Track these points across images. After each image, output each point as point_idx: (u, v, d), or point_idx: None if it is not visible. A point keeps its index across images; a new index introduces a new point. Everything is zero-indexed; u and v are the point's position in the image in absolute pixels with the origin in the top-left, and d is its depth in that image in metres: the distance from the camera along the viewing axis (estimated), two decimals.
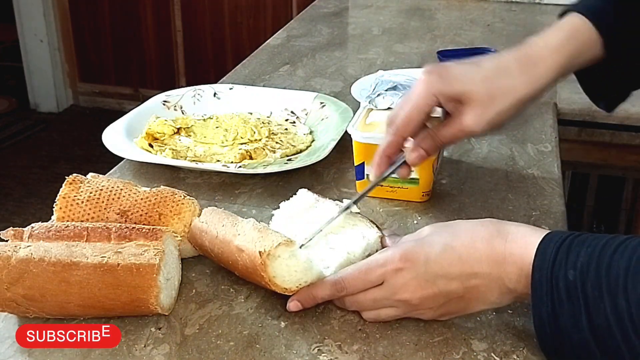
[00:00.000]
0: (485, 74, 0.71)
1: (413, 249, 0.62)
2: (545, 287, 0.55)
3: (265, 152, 0.95)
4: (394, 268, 0.61)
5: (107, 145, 0.93)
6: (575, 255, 0.55)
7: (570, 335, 0.55)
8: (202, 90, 1.13)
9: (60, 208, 0.70)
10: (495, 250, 0.59)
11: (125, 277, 0.61)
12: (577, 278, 0.54)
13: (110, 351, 0.60)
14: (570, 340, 0.55)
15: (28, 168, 2.99)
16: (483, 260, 0.59)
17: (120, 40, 3.39)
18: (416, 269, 0.60)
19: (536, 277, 0.56)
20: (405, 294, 0.61)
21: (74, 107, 3.56)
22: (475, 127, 0.71)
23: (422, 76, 0.71)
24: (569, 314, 0.54)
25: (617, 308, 0.52)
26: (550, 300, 0.55)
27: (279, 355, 0.60)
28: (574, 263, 0.55)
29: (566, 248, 0.56)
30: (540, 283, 0.56)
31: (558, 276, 0.55)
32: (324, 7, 1.83)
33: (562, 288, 0.54)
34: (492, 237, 0.60)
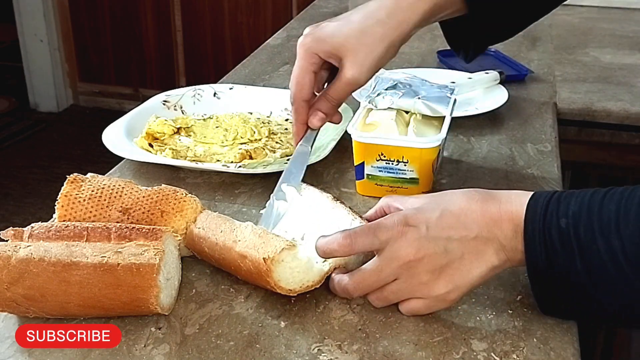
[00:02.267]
0: (356, 26, 0.77)
1: (414, 215, 0.63)
2: (539, 237, 0.58)
3: (265, 152, 0.95)
4: (398, 231, 0.62)
5: (107, 145, 0.93)
6: (566, 205, 0.58)
7: (566, 281, 0.58)
8: (202, 90, 1.13)
9: (62, 206, 0.71)
10: (491, 211, 0.62)
11: (125, 277, 0.61)
12: (570, 225, 0.57)
13: (110, 351, 0.60)
14: (565, 286, 0.58)
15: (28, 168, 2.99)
16: (480, 222, 0.61)
17: (120, 40, 3.39)
18: (418, 232, 0.62)
19: (529, 229, 0.59)
20: (407, 255, 0.62)
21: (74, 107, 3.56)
22: (358, 76, 0.78)
23: (300, 40, 0.79)
24: (564, 259, 0.57)
25: (610, 247, 0.55)
26: (544, 249, 0.58)
27: (279, 355, 0.60)
28: (566, 212, 0.58)
29: (556, 200, 0.59)
30: (533, 234, 0.59)
31: (551, 225, 0.58)
32: (324, 7, 1.83)
33: (555, 236, 0.57)
34: (486, 200, 0.63)
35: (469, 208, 0.62)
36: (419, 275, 0.62)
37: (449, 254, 0.62)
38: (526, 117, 1.11)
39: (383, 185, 0.85)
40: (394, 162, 0.83)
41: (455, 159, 0.96)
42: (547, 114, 1.13)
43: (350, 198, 0.86)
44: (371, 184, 0.85)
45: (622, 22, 1.71)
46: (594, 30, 1.64)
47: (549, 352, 0.60)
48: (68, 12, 3.42)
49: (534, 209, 0.59)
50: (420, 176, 0.83)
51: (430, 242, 0.62)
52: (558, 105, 1.19)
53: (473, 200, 0.63)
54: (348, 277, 0.65)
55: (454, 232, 0.62)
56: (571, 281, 0.58)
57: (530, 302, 0.66)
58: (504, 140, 1.02)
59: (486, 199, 0.63)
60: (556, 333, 0.62)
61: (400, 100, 0.87)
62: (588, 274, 0.56)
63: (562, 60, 1.41)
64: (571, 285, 0.58)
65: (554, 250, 0.57)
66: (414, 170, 0.83)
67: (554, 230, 0.58)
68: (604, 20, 1.72)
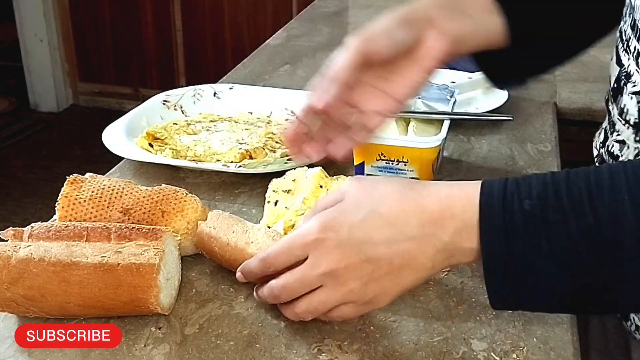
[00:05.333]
0: None
1: (334, 218, 0.57)
2: (497, 223, 0.52)
3: (265, 151, 0.95)
4: (314, 238, 0.57)
5: (107, 145, 0.93)
6: (527, 187, 0.53)
7: (527, 268, 0.52)
8: (202, 89, 1.13)
9: (63, 207, 0.71)
10: (429, 209, 0.55)
11: (125, 276, 0.62)
12: (536, 206, 0.51)
13: (110, 351, 0.60)
14: (526, 274, 0.52)
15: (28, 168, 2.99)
16: (414, 222, 0.55)
17: (120, 40, 3.39)
18: (338, 237, 0.56)
19: (485, 216, 0.53)
20: (329, 264, 0.56)
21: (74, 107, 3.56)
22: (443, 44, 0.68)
23: None
24: (527, 244, 0.51)
25: (584, 226, 0.50)
26: (504, 236, 0.52)
27: (279, 355, 0.60)
28: (529, 193, 0.52)
29: (514, 183, 0.54)
30: (490, 222, 0.53)
31: (512, 209, 0.52)
32: (324, 6, 1.83)
33: (517, 220, 0.52)
34: (422, 197, 0.56)
35: (400, 208, 0.56)
36: (346, 283, 0.57)
37: (376, 260, 0.56)
38: (526, 117, 1.11)
39: None
40: (394, 162, 0.83)
41: (455, 159, 0.96)
42: (547, 113, 1.13)
43: None
44: None
45: None
46: None
47: (549, 352, 0.60)
48: (68, 12, 3.42)
49: (490, 195, 0.54)
50: (420, 176, 0.83)
51: (352, 248, 0.56)
52: (558, 105, 1.19)
53: (406, 199, 0.56)
54: (275, 281, 0.60)
55: (380, 234, 0.56)
56: (534, 266, 0.52)
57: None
58: (504, 140, 1.02)
59: (423, 195, 0.56)
60: (556, 333, 0.62)
61: None
62: (554, 258, 0.51)
63: None
64: (533, 271, 0.52)
65: (515, 236, 0.52)
66: (414, 170, 0.83)
67: (517, 213, 0.52)
68: None
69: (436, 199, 0.56)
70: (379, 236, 0.56)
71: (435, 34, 0.68)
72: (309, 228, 0.58)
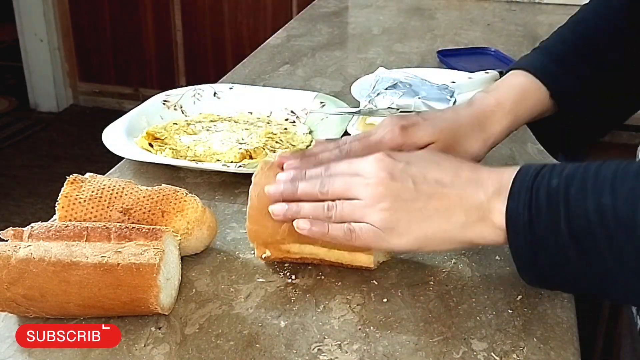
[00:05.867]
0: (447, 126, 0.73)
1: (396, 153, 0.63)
2: (524, 196, 0.56)
3: (265, 151, 0.95)
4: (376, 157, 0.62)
5: (107, 145, 0.93)
6: (561, 168, 0.56)
7: (547, 243, 0.55)
8: (202, 89, 1.13)
9: (63, 207, 0.71)
10: (479, 171, 0.61)
11: (125, 276, 0.61)
12: (561, 184, 0.55)
13: (110, 351, 0.60)
14: (545, 248, 0.55)
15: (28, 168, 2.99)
16: (462, 177, 0.60)
17: (120, 40, 3.39)
18: (395, 163, 0.61)
19: (516, 186, 0.57)
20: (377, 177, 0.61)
21: (74, 107, 3.56)
22: None
23: None
24: (547, 220, 0.55)
25: (601, 206, 0.52)
26: (527, 208, 0.55)
27: (279, 355, 0.60)
28: (559, 173, 0.56)
29: (550, 166, 0.57)
30: (519, 191, 0.57)
31: (539, 185, 0.56)
32: (324, 6, 1.83)
33: (542, 195, 0.55)
34: (475, 166, 0.62)
35: (456, 164, 0.62)
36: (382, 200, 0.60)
37: (416, 192, 0.60)
38: None
39: None
40: None
41: None
42: None
43: None
44: None
45: None
46: None
47: (549, 352, 0.60)
48: (68, 12, 3.41)
49: (526, 170, 0.58)
50: None
51: (401, 176, 0.60)
52: None
53: (463, 163, 0.63)
54: None
55: (430, 174, 0.61)
56: (552, 242, 0.55)
57: (530, 302, 0.66)
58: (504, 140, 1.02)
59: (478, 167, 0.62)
60: (556, 333, 0.62)
61: (400, 100, 0.87)
62: (572, 235, 0.53)
63: None
64: (551, 246, 0.55)
65: (538, 210, 0.55)
66: None
67: (543, 189, 0.55)
68: None
69: (486, 169, 0.61)
70: (428, 175, 0.61)
71: None
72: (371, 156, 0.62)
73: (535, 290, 0.68)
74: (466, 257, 0.74)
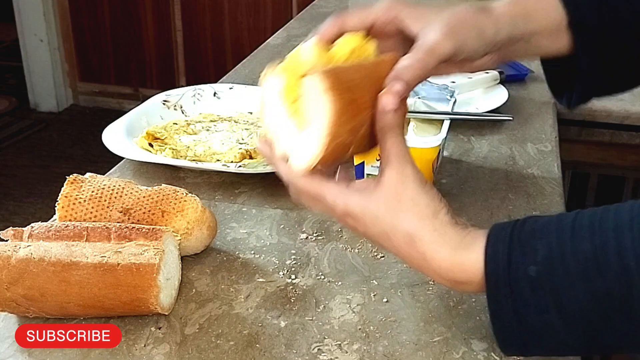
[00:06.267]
0: None
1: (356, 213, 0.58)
2: (504, 291, 0.52)
3: None
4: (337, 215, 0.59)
5: (107, 145, 0.93)
6: (533, 250, 0.52)
7: (537, 329, 0.52)
8: (202, 89, 1.13)
9: (63, 207, 0.71)
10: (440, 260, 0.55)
11: (125, 276, 0.61)
12: (541, 273, 0.51)
13: (110, 351, 0.60)
14: (536, 334, 0.53)
15: (28, 168, 2.99)
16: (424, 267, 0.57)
17: (120, 40, 3.39)
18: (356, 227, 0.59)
19: (491, 287, 0.53)
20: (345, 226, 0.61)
21: (73, 107, 3.56)
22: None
23: None
24: (536, 310, 0.52)
25: (592, 292, 0.50)
26: (512, 302, 0.52)
27: (279, 355, 0.60)
28: (534, 258, 0.52)
29: (517, 245, 0.53)
30: (497, 291, 0.53)
31: (517, 277, 0.52)
32: (324, 6, 1.83)
33: (524, 287, 0.52)
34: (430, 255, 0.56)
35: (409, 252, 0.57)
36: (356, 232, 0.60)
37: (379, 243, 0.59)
38: (526, 117, 1.11)
39: None
40: None
41: (455, 159, 0.96)
42: (548, 113, 1.13)
43: None
44: None
45: None
46: None
47: None
48: (68, 12, 3.41)
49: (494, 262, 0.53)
50: None
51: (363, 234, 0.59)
52: (558, 105, 1.19)
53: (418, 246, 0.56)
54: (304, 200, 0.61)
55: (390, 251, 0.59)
56: (543, 328, 0.52)
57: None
58: (504, 140, 1.02)
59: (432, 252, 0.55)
60: None
61: None
62: (564, 319, 0.51)
63: None
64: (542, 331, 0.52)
65: (524, 302, 0.52)
66: None
67: (523, 281, 0.51)
68: None
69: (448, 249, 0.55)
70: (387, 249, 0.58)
71: None
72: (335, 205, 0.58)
73: None
74: None
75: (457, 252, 0.55)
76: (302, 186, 0.60)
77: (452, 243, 0.55)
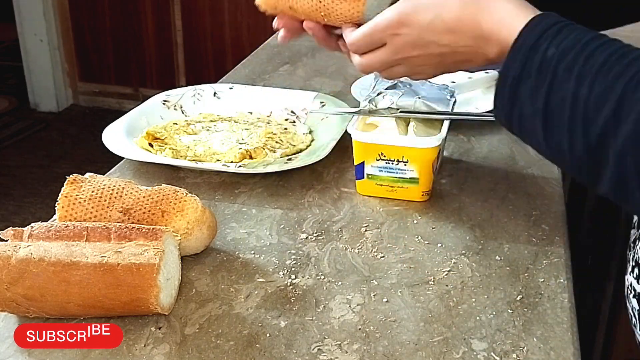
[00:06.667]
0: None
1: (407, 15, 0.67)
2: (522, 53, 0.59)
3: (265, 151, 0.95)
4: (392, 33, 0.68)
5: (107, 145, 0.93)
6: (564, 37, 0.58)
7: (523, 105, 0.60)
8: (202, 89, 1.13)
9: (63, 207, 0.71)
10: (481, 28, 0.64)
11: (125, 276, 0.61)
12: (555, 56, 0.57)
13: (110, 351, 0.60)
14: (521, 109, 0.60)
15: (28, 168, 2.99)
16: (469, 35, 0.65)
17: (120, 40, 3.39)
18: (411, 34, 0.67)
19: (518, 43, 0.60)
20: (405, 53, 0.69)
21: (73, 107, 3.56)
22: None
23: None
24: (532, 84, 0.58)
25: (577, 93, 0.55)
26: (521, 66, 0.59)
27: (279, 355, 0.60)
28: (559, 43, 0.58)
29: (557, 29, 0.59)
30: (519, 49, 0.59)
31: (538, 49, 0.58)
32: None
33: (536, 61, 0.58)
34: (478, 13, 0.64)
35: (460, 19, 0.64)
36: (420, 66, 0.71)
37: (441, 54, 0.68)
38: None
39: (383, 185, 0.85)
40: (394, 161, 0.83)
41: (455, 159, 0.96)
42: None
43: (350, 198, 0.86)
44: (371, 184, 0.85)
45: None
46: None
47: (549, 352, 0.60)
48: (68, 12, 3.41)
49: (531, 30, 0.60)
50: (420, 176, 0.83)
51: (422, 46, 0.68)
52: None
53: (466, 12, 0.64)
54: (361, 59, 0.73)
55: (443, 38, 0.66)
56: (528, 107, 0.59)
57: (530, 302, 0.66)
58: (504, 140, 1.02)
59: (480, 10, 0.64)
60: (556, 333, 0.63)
61: (400, 100, 0.87)
62: (545, 108, 0.57)
63: None
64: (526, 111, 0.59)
65: (527, 72, 0.58)
66: (414, 170, 0.83)
67: (539, 55, 0.58)
68: None
69: (489, 19, 0.63)
70: (442, 38, 0.66)
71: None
72: (389, 21, 0.68)
73: (535, 290, 0.68)
74: (466, 257, 0.74)
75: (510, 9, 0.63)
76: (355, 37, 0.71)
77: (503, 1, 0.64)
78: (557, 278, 0.70)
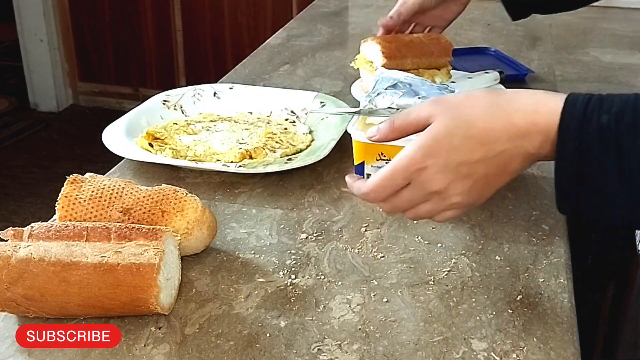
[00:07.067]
0: None
1: (430, 146, 0.61)
2: (575, 130, 0.56)
3: (265, 151, 0.95)
4: (417, 168, 0.61)
5: (107, 145, 0.93)
6: (610, 103, 0.56)
7: (593, 179, 0.56)
8: (202, 89, 1.13)
9: (63, 207, 0.71)
10: (517, 125, 0.59)
11: (125, 276, 0.61)
12: (612, 120, 0.54)
13: (110, 351, 0.60)
14: (592, 185, 0.56)
15: (28, 168, 2.98)
16: (503, 138, 0.60)
17: (120, 40, 3.39)
18: (438, 163, 0.61)
19: (565, 123, 0.57)
20: (434, 187, 0.62)
21: (73, 107, 3.56)
22: None
23: None
24: (597, 155, 0.55)
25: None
26: (577, 142, 0.56)
27: (279, 355, 0.60)
28: (608, 109, 0.55)
29: (598, 98, 0.57)
30: (569, 128, 0.56)
31: (590, 120, 0.55)
32: (324, 6, 1.83)
33: (593, 131, 0.55)
34: (509, 114, 0.60)
35: (490, 127, 0.60)
36: (449, 198, 0.63)
37: (473, 174, 0.61)
38: None
39: None
40: None
41: None
42: None
43: (350, 198, 0.86)
44: None
45: (622, 22, 1.71)
46: (594, 30, 1.64)
47: (549, 352, 0.60)
48: (68, 12, 3.41)
49: (573, 106, 0.57)
50: None
51: (452, 172, 0.61)
52: None
53: (495, 118, 0.60)
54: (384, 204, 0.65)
55: (475, 154, 0.60)
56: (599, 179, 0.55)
57: (530, 302, 0.66)
58: None
59: (510, 112, 0.60)
60: (556, 333, 0.63)
61: (400, 100, 0.87)
62: (621, 174, 0.54)
63: (562, 60, 1.41)
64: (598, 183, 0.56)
65: (588, 144, 0.55)
66: None
67: (594, 125, 0.55)
68: (604, 20, 1.72)
69: (522, 115, 0.59)
70: (474, 156, 0.60)
71: None
72: (410, 158, 0.62)
73: (535, 290, 0.68)
74: (466, 257, 0.74)
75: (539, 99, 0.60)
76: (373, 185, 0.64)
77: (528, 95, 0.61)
78: (557, 278, 0.70)
